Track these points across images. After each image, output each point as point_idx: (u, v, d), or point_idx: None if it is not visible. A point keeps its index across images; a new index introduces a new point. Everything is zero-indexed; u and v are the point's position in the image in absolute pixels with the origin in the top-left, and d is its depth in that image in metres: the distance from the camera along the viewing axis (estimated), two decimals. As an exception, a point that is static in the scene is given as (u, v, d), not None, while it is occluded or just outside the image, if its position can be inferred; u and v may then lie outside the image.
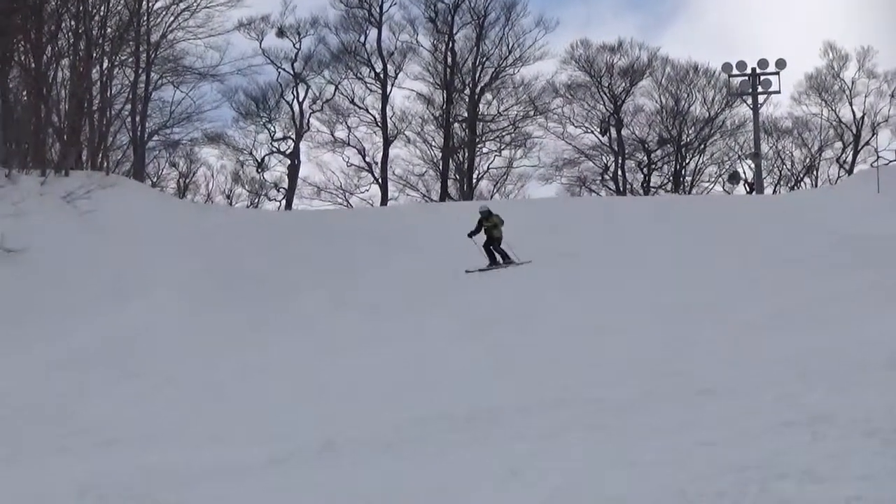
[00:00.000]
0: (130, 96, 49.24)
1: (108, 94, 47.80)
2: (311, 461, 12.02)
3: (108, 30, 47.22)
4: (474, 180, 60.52)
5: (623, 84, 61.39)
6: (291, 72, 58.76)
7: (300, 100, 59.51)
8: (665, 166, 63.03)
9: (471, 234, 31.90)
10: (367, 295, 29.60)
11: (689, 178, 62.30)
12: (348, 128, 60.21)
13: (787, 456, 8.45)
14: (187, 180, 58.77)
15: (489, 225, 31.60)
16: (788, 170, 62.33)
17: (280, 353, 23.56)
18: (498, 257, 31.37)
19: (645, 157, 62.53)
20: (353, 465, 11.56)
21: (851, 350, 15.16)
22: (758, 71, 53.61)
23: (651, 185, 62.08)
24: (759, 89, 54.06)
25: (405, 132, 60.60)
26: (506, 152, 61.92)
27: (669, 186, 61.34)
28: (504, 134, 61.47)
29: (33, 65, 44.00)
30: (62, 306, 28.12)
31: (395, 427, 13.64)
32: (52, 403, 19.07)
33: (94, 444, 14.78)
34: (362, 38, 59.82)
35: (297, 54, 58.54)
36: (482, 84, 60.13)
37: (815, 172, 61.92)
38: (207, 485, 11.19)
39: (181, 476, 11.66)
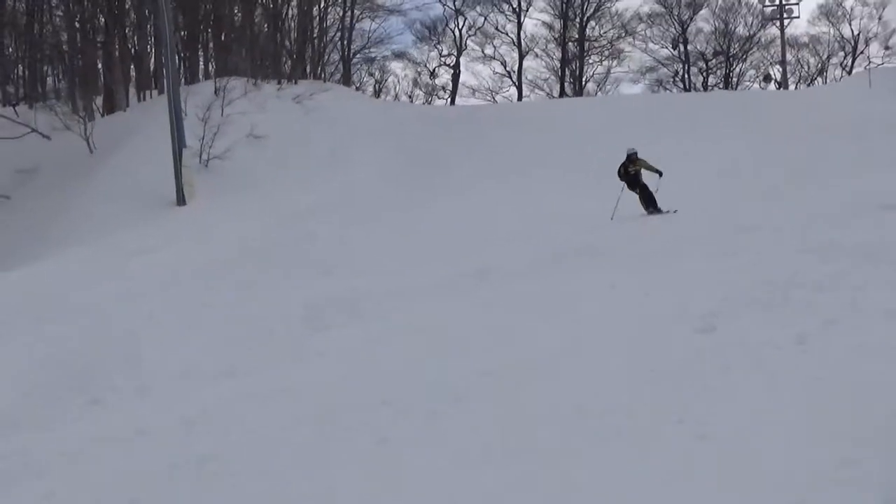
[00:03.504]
0: (340, 26, 49.22)
1: (324, 25, 47.66)
2: (469, 284, 12.00)
3: (324, -21, 47.33)
4: (583, 82, 60.47)
5: (688, 12, 60.99)
6: (453, 8, 58.03)
7: (460, 27, 58.91)
8: (718, 71, 62.74)
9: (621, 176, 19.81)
10: (506, 165, 29.49)
11: (735, 79, 62.11)
12: (494, 46, 60.05)
13: (803, 273, 8.40)
14: (380, 85, 58.72)
15: (636, 168, 19.61)
16: (806, 72, 61.72)
17: (444, 210, 23.63)
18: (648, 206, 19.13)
19: (704, 65, 62.49)
20: (500, 285, 11.51)
21: (850, 198, 14.77)
22: (783, 2, 52.91)
23: (708, 84, 61.96)
24: (785, 15, 53.47)
25: (534, 49, 60.29)
26: (605, 63, 61.61)
27: (721, 85, 61.14)
28: (604, 49, 61.17)
29: (272, 5, 44.20)
30: (293, 178, 28.46)
31: (531, 259, 13.54)
32: (286, 245, 19.35)
33: (315, 274, 14.98)
34: (503, -17, 59.05)
35: (457, -5, 57.82)
36: (588, 14, 59.77)
37: (824, 73, 61.22)
38: (395, 300, 11.28)
39: (376, 295, 11.74)
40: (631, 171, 19.70)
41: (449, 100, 58.49)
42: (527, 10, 59.23)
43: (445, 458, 5.10)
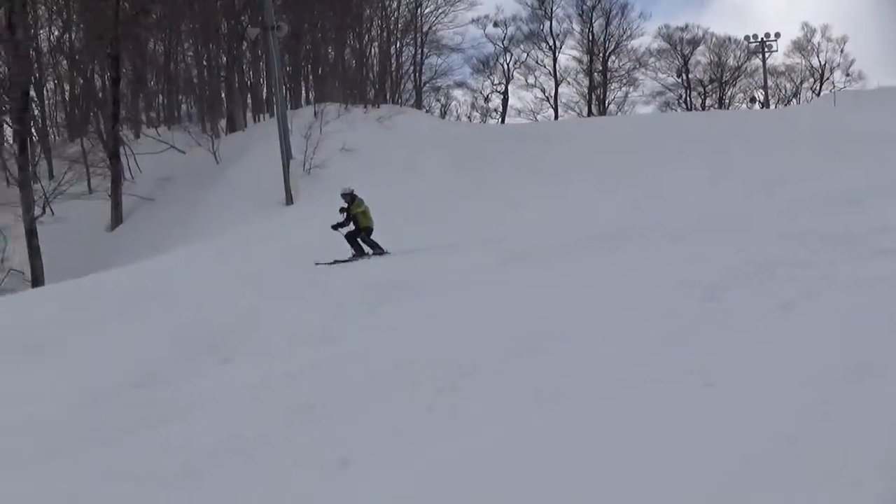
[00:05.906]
0: (413, 62, 49.98)
1: (400, 60, 48.47)
2: (516, 264, 11.45)
3: (399, 24, 47.76)
4: (606, 104, 60.69)
5: (689, 48, 61.97)
6: (502, 46, 58.44)
7: (508, 62, 59.30)
8: (713, 94, 63.31)
9: (336, 227, 16.00)
10: (545, 170, 29.37)
11: (727, 101, 62.77)
12: (535, 76, 60.31)
13: (786, 253, 8.31)
14: (445, 108, 58.81)
15: (357, 211, 15.82)
16: (783, 94, 62.54)
17: (493, 204, 23.72)
18: (366, 248, 15.73)
19: (702, 89, 63.06)
20: (538, 265, 11.12)
21: (822, 195, 14.53)
22: (764, 39, 54.20)
23: (706, 105, 62.38)
24: (766, 49, 54.74)
25: (567, 78, 60.74)
26: (623, 88, 62.04)
27: (716, 105, 61.56)
28: (622, 78, 61.69)
29: (358, 46, 44.81)
30: (377, 181, 28.52)
31: (554, 246, 13.07)
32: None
33: (389, 258, 14.97)
34: (542, 26, 59.59)
35: (504, 36, 58.30)
36: (609, 50, 60.36)
37: (798, 95, 61.97)
38: (455, 279, 10.78)
39: (439, 275, 11.33)
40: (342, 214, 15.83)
41: (499, 119, 58.59)
42: (560, 48, 60.30)
43: (500, 403, 5.02)
